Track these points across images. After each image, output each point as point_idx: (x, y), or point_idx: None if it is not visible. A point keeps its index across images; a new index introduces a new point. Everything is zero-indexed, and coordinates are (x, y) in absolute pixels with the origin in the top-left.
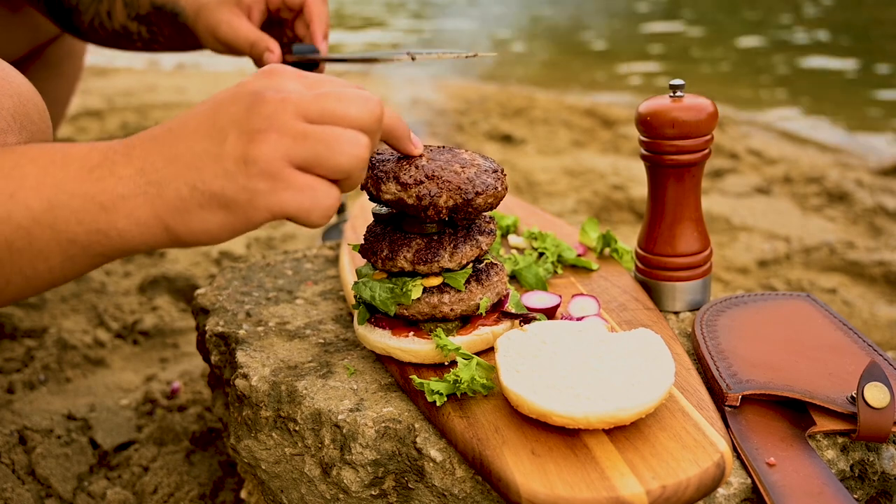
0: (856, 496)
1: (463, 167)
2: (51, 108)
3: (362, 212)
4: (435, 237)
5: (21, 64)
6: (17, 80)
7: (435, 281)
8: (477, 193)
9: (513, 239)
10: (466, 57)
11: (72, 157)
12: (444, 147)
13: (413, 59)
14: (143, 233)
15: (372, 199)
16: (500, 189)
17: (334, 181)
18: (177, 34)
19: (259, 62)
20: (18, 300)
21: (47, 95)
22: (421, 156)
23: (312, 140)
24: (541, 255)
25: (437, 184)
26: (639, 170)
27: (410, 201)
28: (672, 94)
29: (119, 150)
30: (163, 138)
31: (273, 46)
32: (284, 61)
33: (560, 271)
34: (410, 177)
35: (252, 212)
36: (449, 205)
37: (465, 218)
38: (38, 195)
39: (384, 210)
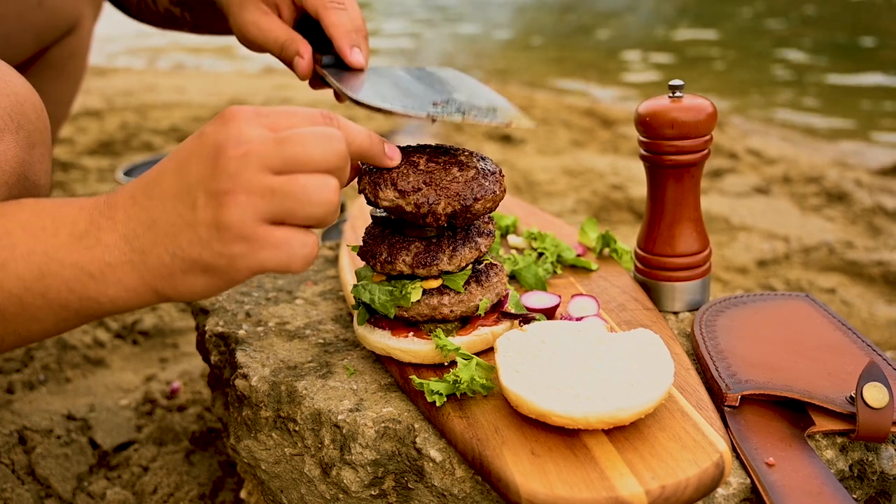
0: (855, 496)
1: (461, 170)
2: (54, 109)
3: (362, 212)
4: (434, 240)
5: (25, 65)
6: (14, 80)
7: (434, 283)
8: (475, 199)
9: (512, 239)
10: (496, 125)
11: (61, 222)
12: (441, 146)
13: (433, 120)
14: (133, 297)
15: (369, 203)
16: (498, 193)
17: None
18: (217, 20)
19: (289, 66)
20: (13, 349)
21: (51, 96)
22: (420, 158)
23: (280, 195)
24: (540, 255)
25: (436, 190)
26: (638, 169)
27: (409, 208)
28: (671, 95)
29: (104, 213)
30: (141, 200)
31: (304, 51)
32: (315, 71)
33: (559, 271)
34: (408, 183)
35: (233, 273)
36: (448, 211)
37: (463, 222)
38: (28, 265)
39: (383, 212)
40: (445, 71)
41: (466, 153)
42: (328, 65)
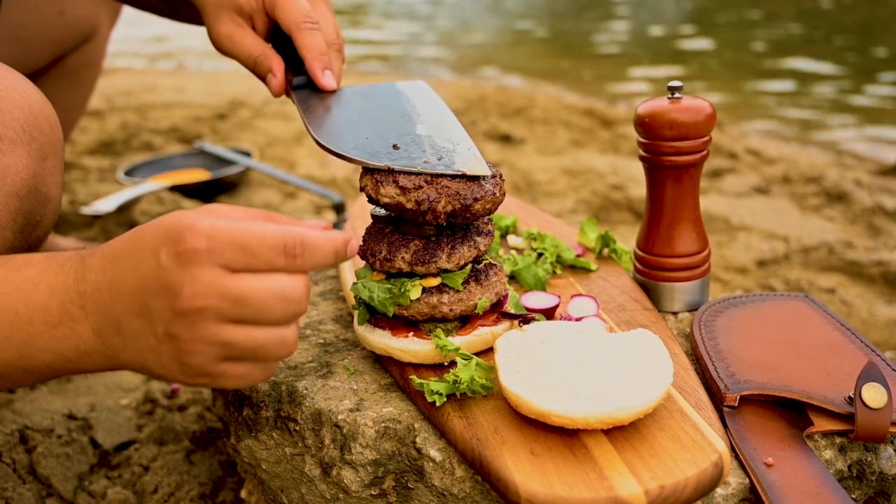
0: (854, 496)
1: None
2: (66, 115)
3: (362, 212)
4: (433, 238)
5: (41, 71)
6: (28, 91)
7: (434, 281)
8: (475, 199)
9: (512, 239)
10: (452, 176)
11: (34, 308)
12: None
13: (390, 169)
14: (111, 369)
15: (370, 201)
16: (498, 195)
17: None
18: (196, 15)
19: (263, 81)
20: None
21: (65, 102)
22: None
23: (239, 349)
24: (540, 255)
25: (437, 189)
26: (638, 169)
27: (409, 205)
28: (670, 96)
29: (75, 301)
30: (107, 298)
31: (276, 69)
32: (287, 88)
33: (559, 272)
34: (410, 180)
35: (203, 387)
36: (447, 210)
37: (463, 222)
38: (7, 349)
39: (383, 212)
40: (416, 89)
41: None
42: (299, 86)
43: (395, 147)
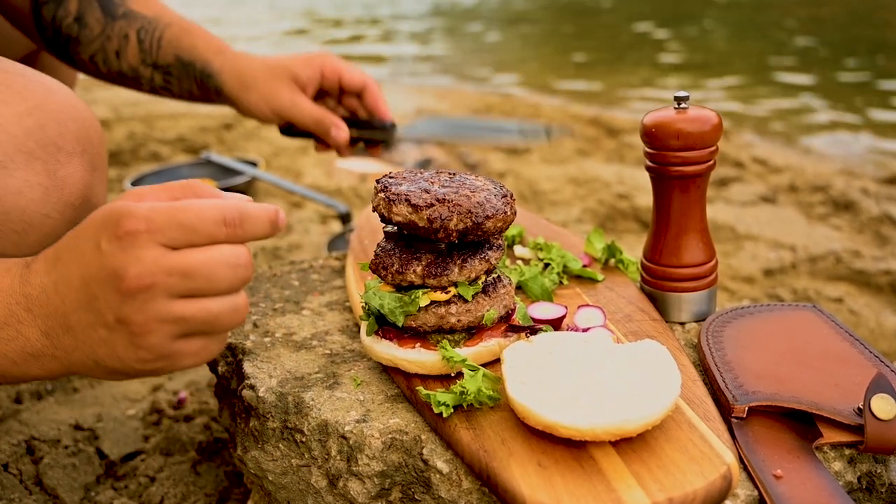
0: None
1: (473, 191)
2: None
3: (367, 222)
4: (444, 252)
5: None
6: (80, 106)
7: (444, 296)
8: (487, 217)
9: (518, 249)
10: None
11: None
12: (454, 173)
13: (548, 133)
14: (61, 373)
15: (383, 220)
16: (509, 213)
17: None
18: (198, 90)
19: (325, 138)
20: None
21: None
22: (434, 181)
23: (192, 321)
24: (546, 265)
25: (448, 207)
26: (644, 178)
27: (422, 224)
28: (677, 106)
29: (21, 304)
30: (54, 299)
31: (339, 124)
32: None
33: (566, 282)
34: (422, 199)
35: (159, 373)
36: (459, 227)
37: (474, 239)
38: None
39: (394, 228)
40: (462, 118)
41: (478, 177)
42: (379, 125)
43: (521, 131)
